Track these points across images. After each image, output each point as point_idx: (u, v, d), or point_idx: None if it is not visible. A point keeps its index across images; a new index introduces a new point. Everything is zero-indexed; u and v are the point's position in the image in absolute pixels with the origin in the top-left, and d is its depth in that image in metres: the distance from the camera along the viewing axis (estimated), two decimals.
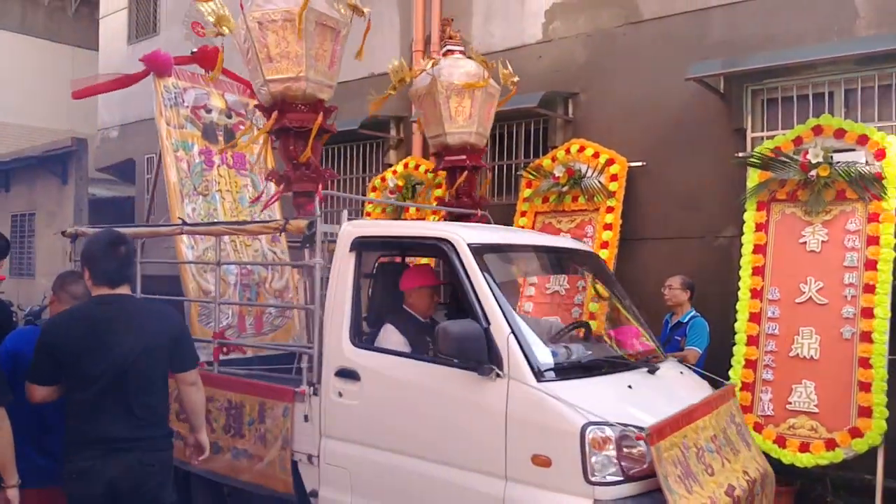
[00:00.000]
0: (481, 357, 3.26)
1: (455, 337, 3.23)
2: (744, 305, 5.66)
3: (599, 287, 5.18)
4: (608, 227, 6.49)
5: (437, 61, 5.84)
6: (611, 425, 3.08)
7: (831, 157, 5.52)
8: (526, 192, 7.03)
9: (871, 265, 5.34)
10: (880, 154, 5.47)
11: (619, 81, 6.88)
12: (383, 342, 3.90)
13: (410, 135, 8.15)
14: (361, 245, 3.95)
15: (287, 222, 4.28)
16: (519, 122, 7.53)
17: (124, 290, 3.18)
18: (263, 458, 4.08)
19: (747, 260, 5.74)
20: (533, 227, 6.97)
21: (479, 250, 3.58)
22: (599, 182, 6.57)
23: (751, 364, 5.55)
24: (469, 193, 6.07)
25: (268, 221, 5.00)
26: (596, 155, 6.64)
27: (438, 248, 3.71)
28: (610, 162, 6.57)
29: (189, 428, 3.46)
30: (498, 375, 3.25)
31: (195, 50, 5.92)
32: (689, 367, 4.99)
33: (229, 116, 6.15)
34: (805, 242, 5.62)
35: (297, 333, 5.76)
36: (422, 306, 4.11)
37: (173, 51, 10.97)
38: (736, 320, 5.65)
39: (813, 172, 5.52)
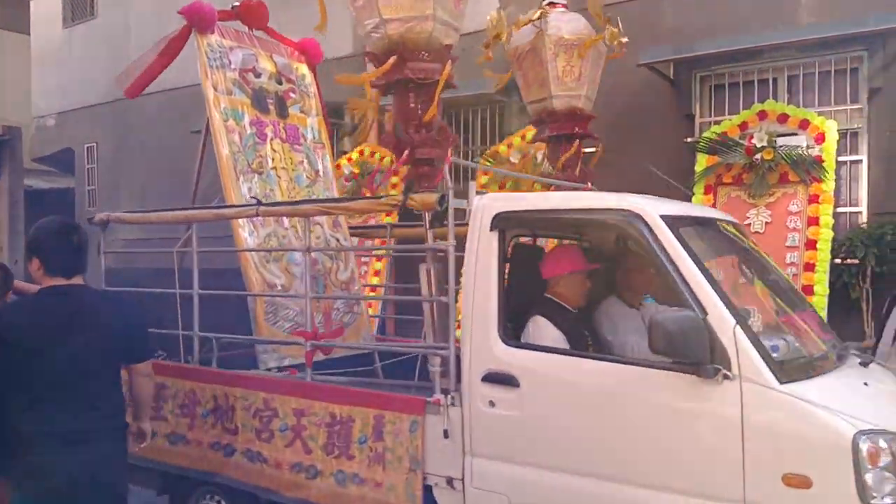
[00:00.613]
0: (702, 355, 2.69)
1: (671, 331, 2.67)
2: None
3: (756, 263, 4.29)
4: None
5: (545, 12, 5.13)
6: (884, 433, 2.57)
7: (775, 141, 5.78)
8: (483, 179, 7.09)
9: (811, 245, 5.63)
10: (820, 138, 5.75)
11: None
12: (536, 338, 3.29)
13: (366, 122, 8.09)
14: (506, 222, 3.27)
15: (407, 197, 3.42)
16: (475, 109, 7.58)
17: (78, 280, 3.07)
18: (382, 483, 3.36)
19: None
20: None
21: (673, 224, 2.95)
22: (554, 168, 6.68)
23: None
24: (577, 166, 5.38)
25: (379, 197, 4.01)
26: None
27: (618, 223, 3.06)
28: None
29: (133, 416, 3.38)
30: (726, 377, 2.67)
31: (237, 4, 5.16)
32: None
33: (280, 82, 5.25)
34: (750, 224, 5.85)
35: (367, 332, 5.12)
36: (573, 294, 3.50)
37: (113, 34, 10.64)
38: None
39: (758, 156, 5.76)
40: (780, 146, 5.74)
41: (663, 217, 2.94)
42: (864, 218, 6.07)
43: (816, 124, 5.78)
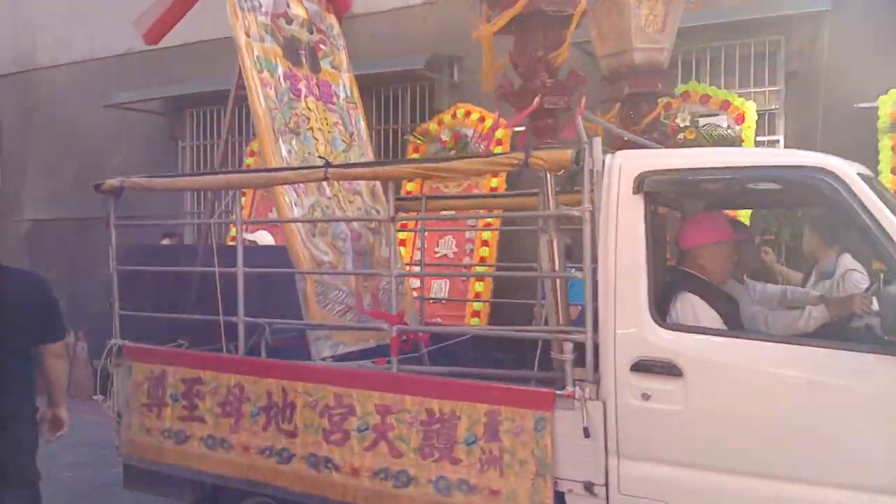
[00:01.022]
0: None
1: None
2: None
3: None
4: (494, 190, 6.60)
5: None
6: None
7: (697, 121, 5.96)
8: (413, 157, 7.00)
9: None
10: (740, 118, 5.94)
11: (499, 47, 6.95)
12: (689, 320, 2.92)
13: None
14: (653, 184, 2.83)
15: (528, 154, 2.91)
16: (404, 86, 7.46)
17: None
18: (499, 491, 2.91)
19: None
20: (421, 191, 6.96)
21: (870, 182, 2.65)
22: (485, 146, 6.66)
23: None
24: (657, 128, 4.94)
25: (495, 155, 3.48)
26: (482, 119, 6.72)
27: (809, 183, 2.66)
28: (495, 126, 6.67)
29: (47, 402, 3.26)
30: None
31: None
32: None
33: (311, 31, 4.67)
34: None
35: (414, 314, 4.68)
36: (719, 267, 3.13)
37: (14, 1, 9.95)
38: None
39: (681, 136, 5.90)
40: (703, 126, 5.89)
41: (861, 176, 2.61)
42: None
43: (737, 105, 5.97)
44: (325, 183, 3.94)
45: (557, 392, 2.86)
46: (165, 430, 3.69)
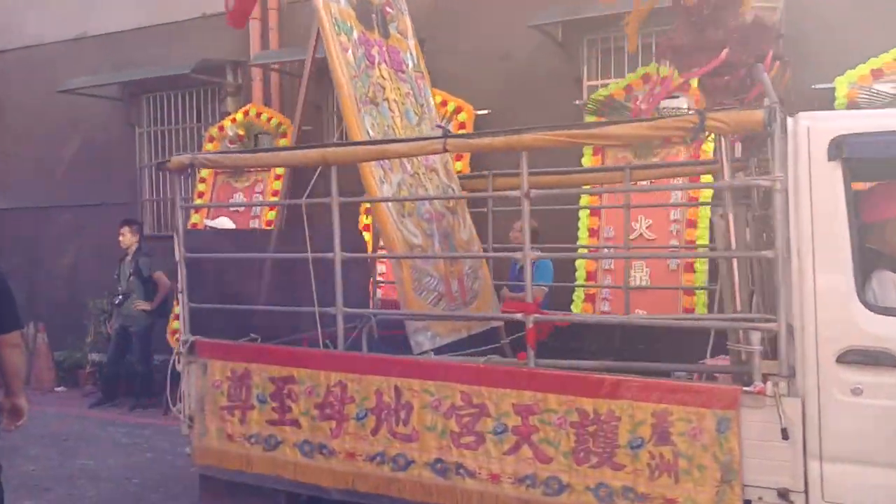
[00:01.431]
0: None
1: None
2: (583, 242, 6.02)
3: None
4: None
5: None
6: None
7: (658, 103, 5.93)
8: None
9: (693, 201, 5.85)
10: (699, 100, 5.94)
11: (464, 30, 6.90)
12: (888, 301, 2.62)
13: (250, 81, 7.72)
14: (854, 148, 2.50)
15: (704, 117, 2.60)
16: None
17: None
18: (675, 500, 2.63)
19: (584, 201, 6.05)
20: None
21: None
22: (449, 130, 6.61)
23: (589, 297, 5.93)
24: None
25: (663, 119, 3.02)
26: (444, 103, 6.67)
27: None
28: (458, 110, 6.64)
29: (5, 393, 3.19)
30: None
31: None
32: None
33: None
34: (634, 183, 6.02)
35: (494, 300, 4.38)
36: None
37: None
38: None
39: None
40: (663, 108, 5.89)
41: None
42: None
43: (696, 88, 5.96)
44: (405, 159, 3.69)
45: (745, 389, 2.56)
46: (252, 436, 3.36)
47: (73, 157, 8.93)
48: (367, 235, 6.79)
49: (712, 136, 5.63)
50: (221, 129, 7.57)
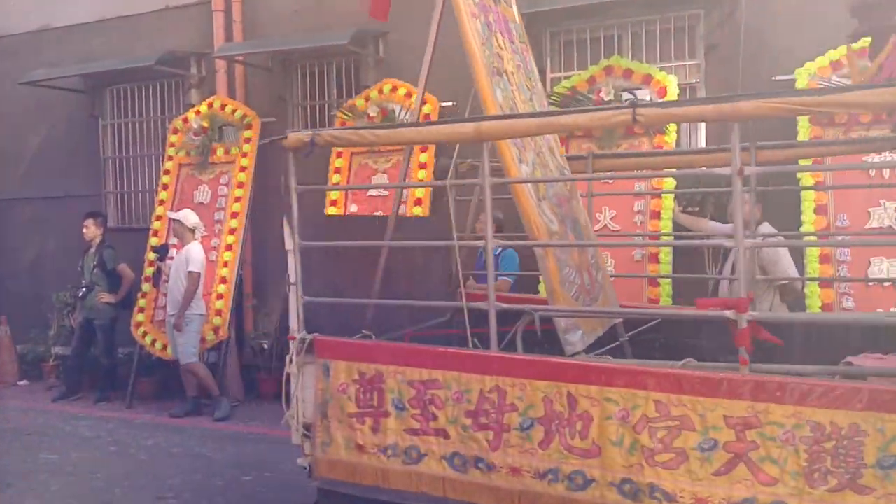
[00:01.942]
0: None
1: None
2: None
3: None
4: (423, 166, 6.59)
5: None
6: None
7: (621, 95, 6.02)
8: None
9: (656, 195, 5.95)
10: (662, 92, 6.04)
11: (427, 21, 6.88)
12: None
13: (213, 73, 7.66)
14: None
15: None
16: (329, 61, 7.35)
17: None
18: None
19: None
20: (349, 168, 6.91)
21: None
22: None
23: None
24: None
25: None
26: (408, 95, 6.68)
27: None
28: (423, 102, 6.62)
29: None
30: None
31: None
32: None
33: None
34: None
35: (613, 294, 4.04)
36: None
37: None
38: None
39: None
40: (626, 100, 5.96)
41: None
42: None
43: (658, 79, 6.07)
44: (531, 137, 3.32)
45: None
46: (388, 447, 3.00)
47: (37, 150, 8.80)
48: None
49: (670, 128, 5.91)
50: (186, 120, 7.52)
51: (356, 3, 7.04)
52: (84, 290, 7.27)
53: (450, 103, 6.67)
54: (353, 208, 6.86)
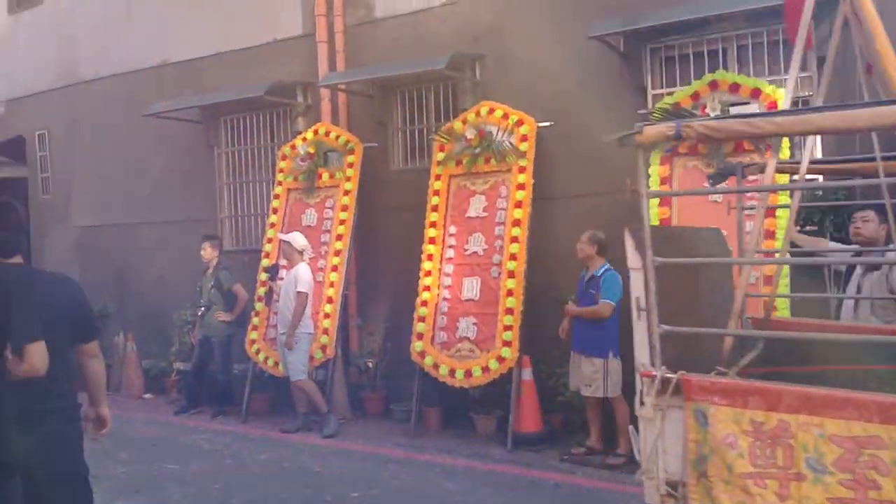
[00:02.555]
0: None
1: None
2: None
3: None
4: (521, 186, 6.61)
5: None
6: None
7: (728, 110, 5.81)
8: (439, 156, 7.05)
9: (770, 212, 5.68)
10: (772, 106, 5.78)
11: (524, 43, 6.95)
12: None
13: (318, 101, 8.00)
14: None
15: None
16: (428, 86, 7.51)
17: (17, 259, 3.05)
18: None
19: (654, 213, 5.99)
20: (448, 191, 7.03)
21: None
22: (510, 143, 6.67)
23: None
24: None
25: None
26: (505, 116, 6.72)
27: None
28: (519, 123, 6.67)
29: (89, 402, 3.31)
30: None
31: None
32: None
33: None
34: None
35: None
36: None
37: (60, 20, 10.31)
38: None
39: None
40: (733, 115, 5.77)
41: None
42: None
43: (768, 93, 5.82)
44: None
45: None
46: None
47: (158, 177, 9.44)
48: (432, 248, 6.87)
49: (783, 143, 5.66)
50: (293, 147, 7.87)
51: (451, 29, 7.22)
52: (203, 308, 7.72)
53: (548, 123, 6.68)
54: (452, 230, 6.95)
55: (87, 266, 9.70)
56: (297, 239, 7.02)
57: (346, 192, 7.50)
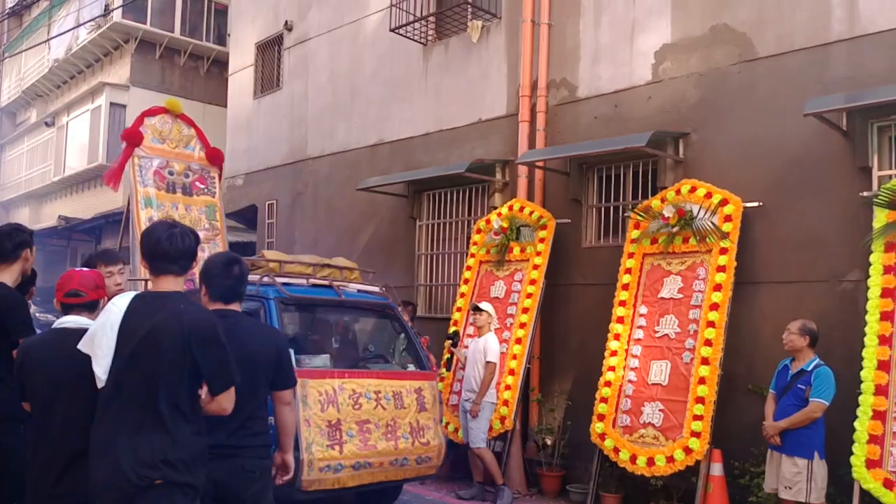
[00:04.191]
0: None
1: None
2: (871, 353, 5.29)
3: None
4: (721, 269, 6.26)
5: None
6: None
7: None
8: (634, 234, 6.91)
9: None
10: None
11: (732, 120, 6.72)
12: None
13: (515, 178, 8.25)
14: None
15: None
16: (626, 164, 7.47)
17: (235, 307, 3.38)
18: None
19: (874, 304, 5.37)
20: (640, 270, 6.83)
21: None
22: (712, 223, 6.38)
23: (879, 415, 5.15)
24: None
25: None
26: (708, 195, 6.46)
27: None
28: (724, 202, 6.38)
29: (277, 448, 3.49)
30: None
31: None
32: None
33: None
34: None
35: None
36: None
37: (294, 102, 11.76)
38: (862, 368, 5.28)
39: None
40: None
41: None
42: None
43: None
44: None
45: None
46: None
47: (366, 245, 10.19)
48: (620, 328, 6.67)
49: None
50: (488, 221, 8.14)
51: (655, 106, 7.17)
52: None
53: (756, 204, 6.32)
54: (643, 310, 6.71)
55: None
56: (489, 309, 7.16)
57: (536, 267, 7.56)
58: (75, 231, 18.94)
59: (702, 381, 6.06)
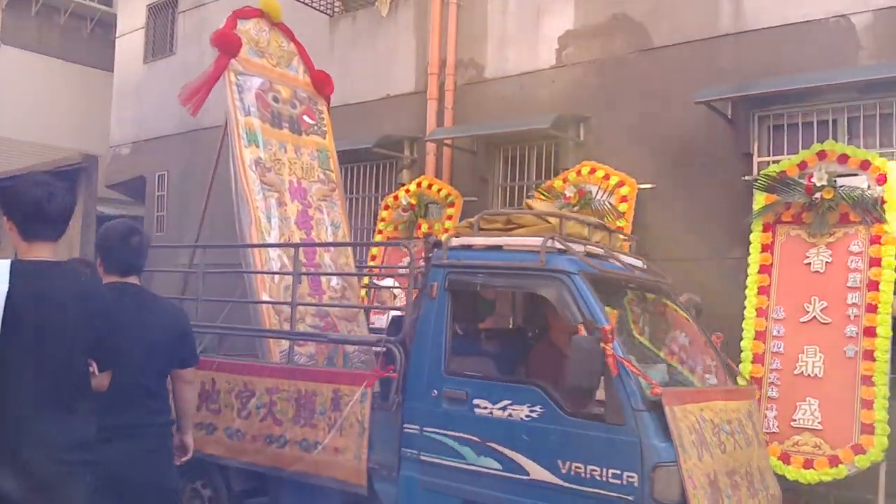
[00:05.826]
0: None
1: None
2: (749, 324, 5.82)
3: None
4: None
5: None
6: None
7: (835, 181, 5.72)
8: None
9: (873, 286, 5.50)
10: (881, 179, 5.66)
11: (629, 106, 7.11)
12: None
13: (424, 155, 8.36)
14: None
15: None
16: (531, 145, 7.74)
17: (133, 279, 3.21)
18: None
19: (753, 280, 5.90)
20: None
21: None
22: (609, 203, 6.76)
23: (756, 381, 5.69)
24: None
25: None
26: (606, 177, 6.83)
27: None
28: (620, 184, 6.76)
29: (176, 428, 3.34)
30: None
31: None
32: None
33: None
34: (809, 263, 5.78)
35: None
36: None
37: (189, 69, 11.26)
38: (742, 339, 5.80)
39: (817, 195, 5.70)
40: (841, 186, 5.69)
41: None
42: None
43: (878, 165, 5.70)
44: None
45: None
46: None
47: None
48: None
49: (890, 216, 5.49)
50: (396, 198, 8.20)
51: (558, 90, 7.47)
52: None
53: (649, 185, 6.75)
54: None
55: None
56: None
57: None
58: None
59: None
